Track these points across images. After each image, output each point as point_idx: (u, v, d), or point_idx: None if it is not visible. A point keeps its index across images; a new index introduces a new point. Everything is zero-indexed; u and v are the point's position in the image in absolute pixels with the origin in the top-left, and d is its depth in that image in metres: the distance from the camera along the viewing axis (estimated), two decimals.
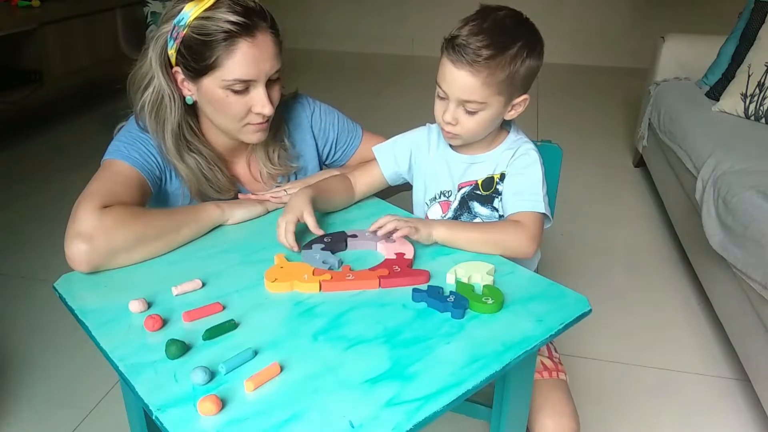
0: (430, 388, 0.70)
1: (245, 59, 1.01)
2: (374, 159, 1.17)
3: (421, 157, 1.14)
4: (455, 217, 1.11)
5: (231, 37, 1.00)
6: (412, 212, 1.15)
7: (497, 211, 1.09)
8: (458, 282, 0.88)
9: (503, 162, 1.08)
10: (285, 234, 0.97)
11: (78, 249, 0.89)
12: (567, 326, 0.82)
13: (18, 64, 3.16)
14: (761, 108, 2.05)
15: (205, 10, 1.00)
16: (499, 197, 1.08)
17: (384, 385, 0.70)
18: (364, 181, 1.16)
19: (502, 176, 1.07)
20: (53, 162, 3.00)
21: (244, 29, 1.00)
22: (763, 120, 2.06)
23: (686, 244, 2.06)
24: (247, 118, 1.07)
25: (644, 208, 2.56)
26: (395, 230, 0.95)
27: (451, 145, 1.10)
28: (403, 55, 5.02)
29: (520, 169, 1.05)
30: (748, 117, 2.09)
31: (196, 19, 1.00)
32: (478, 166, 1.09)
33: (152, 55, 1.06)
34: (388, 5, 5.01)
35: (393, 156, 1.15)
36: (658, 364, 1.70)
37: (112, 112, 1.20)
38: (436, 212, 1.13)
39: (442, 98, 1.01)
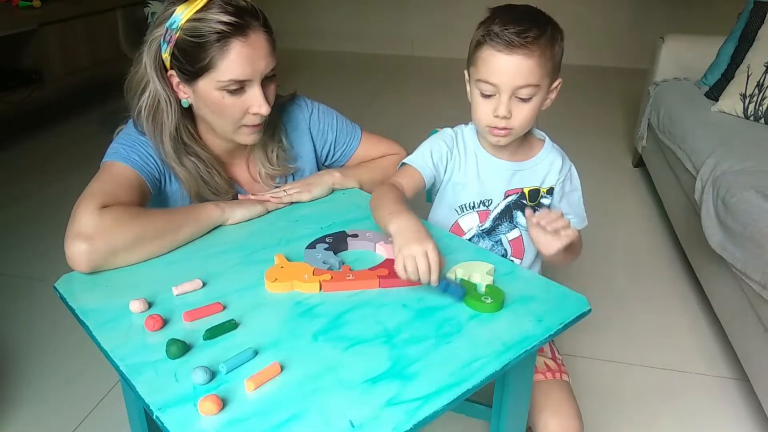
0: (430, 388, 0.70)
1: (239, 59, 1.01)
2: (405, 165, 1.11)
3: (453, 163, 1.11)
4: (494, 226, 1.11)
5: (224, 37, 0.99)
6: (427, 218, 1.13)
7: None
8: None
9: (551, 175, 1.10)
10: (430, 269, 0.83)
11: (78, 249, 0.89)
12: (567, 326, 0.82)
13: (18, 64, 3.16)
14: (760, 108, 2.05)
15: (197, 11, 1.00)
16: (540, 210, 1.09)
17: (384, 385, 0.70)
18: (410, 187, 1.09)
19: (550, 191, 1.09)
20: (53, 162, 3.00)
21: (237, 29, 1.00)
22: (762, 120, 2.06)
23: (686, 244, 2.06)
24: (243, 120, 1.07)
25: (644, 208, 2.56)
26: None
27: (490, 153, 1.09)
28: (403, 56, 5.02)
29: (574, 187, 1.12)
30: (747, 117, 2.09)
31: (188, 21, 1.00)
32: (524, 174, 1.09)
33: (146, 59, 1.05)
34: (388, 5, 5.00)
35: (431, 161, 1.10)
36: (657, 364, 1.70)
37: (112, 113, 1.20)
38: (472, 221, 1.11)
39: (488, 96, 0.99)
